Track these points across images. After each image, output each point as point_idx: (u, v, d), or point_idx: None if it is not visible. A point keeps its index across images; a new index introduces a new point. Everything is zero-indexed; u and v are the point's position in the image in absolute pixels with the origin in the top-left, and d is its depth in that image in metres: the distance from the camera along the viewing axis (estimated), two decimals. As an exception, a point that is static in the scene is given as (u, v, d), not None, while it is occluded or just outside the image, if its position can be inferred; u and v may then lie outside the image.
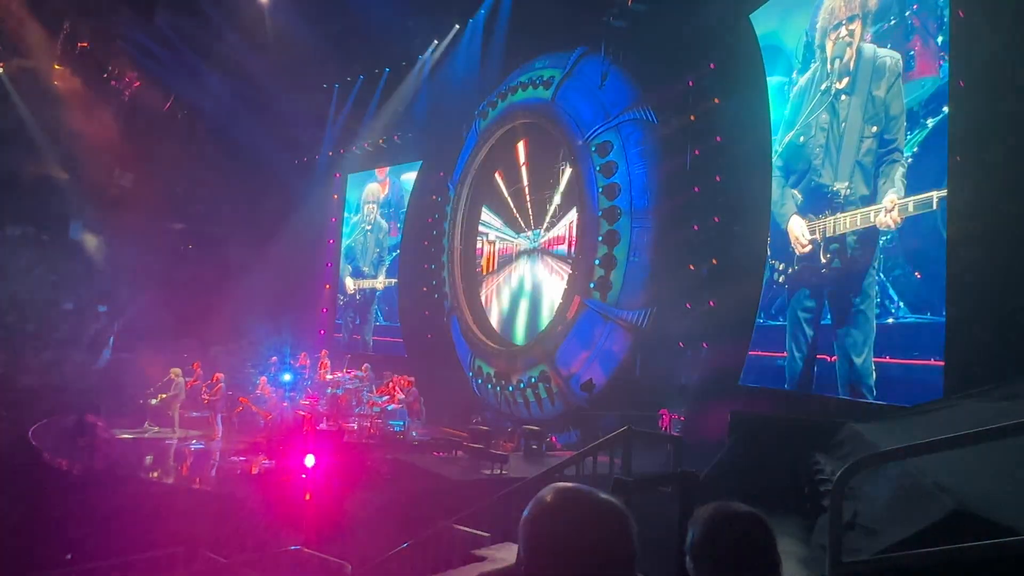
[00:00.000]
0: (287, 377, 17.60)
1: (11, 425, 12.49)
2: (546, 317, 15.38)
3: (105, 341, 19.81)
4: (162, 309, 18.79)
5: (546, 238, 15.99)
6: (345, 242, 22.79)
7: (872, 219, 8.77)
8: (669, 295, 12.66)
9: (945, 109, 7.93)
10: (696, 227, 12.27)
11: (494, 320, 17.20)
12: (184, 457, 13.63)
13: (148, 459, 13.43)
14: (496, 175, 17.76)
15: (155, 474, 12.74)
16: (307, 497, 11.69)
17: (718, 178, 11.92)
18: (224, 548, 8.14)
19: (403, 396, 14.94)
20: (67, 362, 18.29)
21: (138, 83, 19.89)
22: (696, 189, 12.31)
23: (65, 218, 19.88)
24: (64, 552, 7.44)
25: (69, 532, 7.66)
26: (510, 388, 15.42)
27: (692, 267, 12.29)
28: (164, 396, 15.10)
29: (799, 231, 10.01)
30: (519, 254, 16.79)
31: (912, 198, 8.22)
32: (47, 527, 7.78)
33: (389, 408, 14.72)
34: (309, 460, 12.23)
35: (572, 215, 15.03)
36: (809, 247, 9.79)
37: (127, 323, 20.00)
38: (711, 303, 11.71)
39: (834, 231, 9.45)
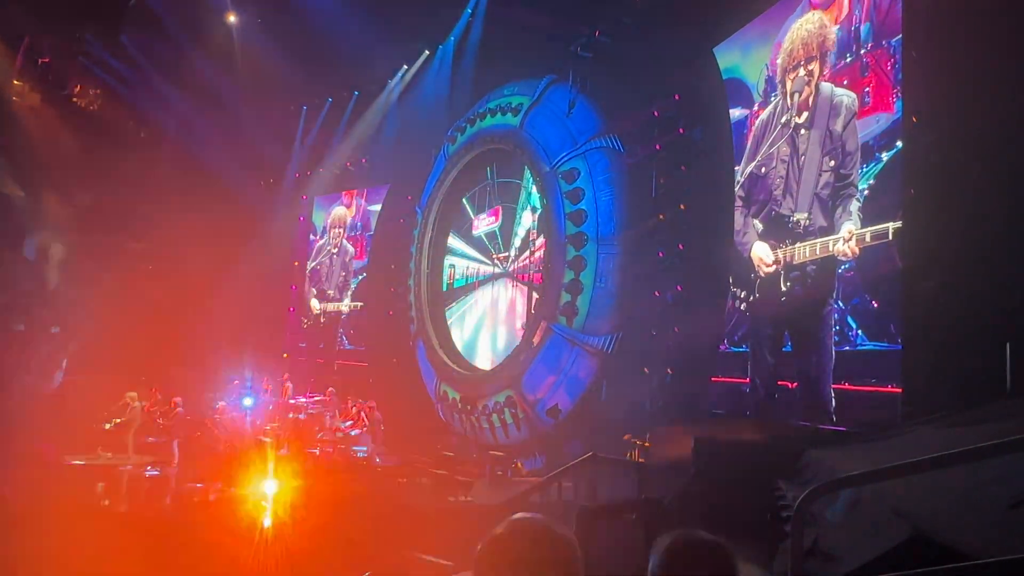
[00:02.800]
0: (248, 401, 17.23)
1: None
2: (512, 342, 15.35)
3: (58, 363, 19.18)
4: (119, 331, 18.28)
5: (513, 264, 16.02)
6: (310, 264, 22.54)
7: (831, 248, 8.98)
8: (635, 321, 12.74)
9: (899, 143, 8.20)
10: (661, 254, 12.43)
11: (460, 345, 17.12)
12: (137, 484, 13.17)
13: (99, 486, 12.95)
14: (464, 200, 17.80)
15: (106, 501, 12.29)
16: (266, 525, 11.40)
17: (683, 206, 12.11)
18: (178, 578, 7.83)
19: (368, 422, 14.74)
20: (16, 386, 17.63)
21: (100, 100, 19.55)
22: (661, 217, 12.47)
23: (20, 236, 19.33)
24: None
25: (13, 564, 7.30)
26: (476, 413, 15.31)
27: (657, 293, 12.40)
28: (118, 420, 14.64)
29: (763, 253, 10.18)
30: (486, 279, 16.79)
31: (869, 229, 8.45)
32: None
33: (353, 433, 14.48)
34: (269, 487, 11.94)
35: (539, 241, 15.09)
36: (773, 268, 9.95)
37: (81, 345, 19.41)
38: (676, 329, 11.82)
39: (794, 260, 9.64)
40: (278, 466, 13.89)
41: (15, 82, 18.40)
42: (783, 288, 9.77)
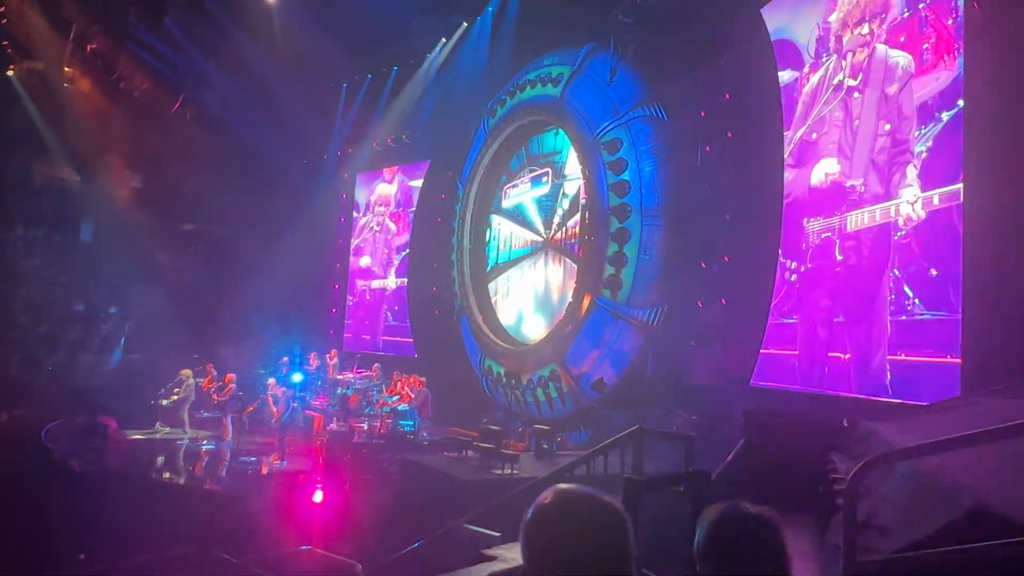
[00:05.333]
0: (297, 377, 17.69)
1: (24, 425, 12.62)
2: (556, 316, 15.35)
3: (116, 342, 19.98)
4: (172, 310, 18.91)
5: (556, 236, 15.97)
6: (354, 242, 22.86)
7: (892, 214, 8.70)
8: (681, 293, 12.61)
9: (960, 103, 7.86)
10: (708, 224, 12.20)
11: (504, 319, 17.21)
12: (195, 457, 13.74)
13: (159, 460, 13.56)
14: (505, 174, 17.76)
15: (166, 475, 12.86)
16: (318, 498, 11.78)
17: (729, 175, 11.84)
18: (235, 548, 8.19)
19: (415, 396, 14.99)
20: (79, 363, 18.45)
21: (147, 84, 20.02)
22: (707, 186, 12.25)
23: (76, 220, 20.07)
24: (77, 552, 7.51)
25: (81, 532, 7.74)
26: (520, 388, 15.42)
27: (704, 265, 12.23)
28: (175, 397, 15.21)
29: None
30: (528, 252, 16.78)
31: (936, 191, 8.16)
32: (59, 527, 7.85)
33: (400, 408, 14.76)
34: (319, 461, 12.31)
35: (582, 213, 14.99)
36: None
37: (138, 324, 20.14)
38: (723, 301, 11.66)
39: (848, 228, 9.38)
40: (328, 441, 14.31)
41: (65, 69, 18.97)
42: (837, 257, 9.53)
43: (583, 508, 1.58)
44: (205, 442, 14.64)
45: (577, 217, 15.24)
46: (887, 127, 8.88)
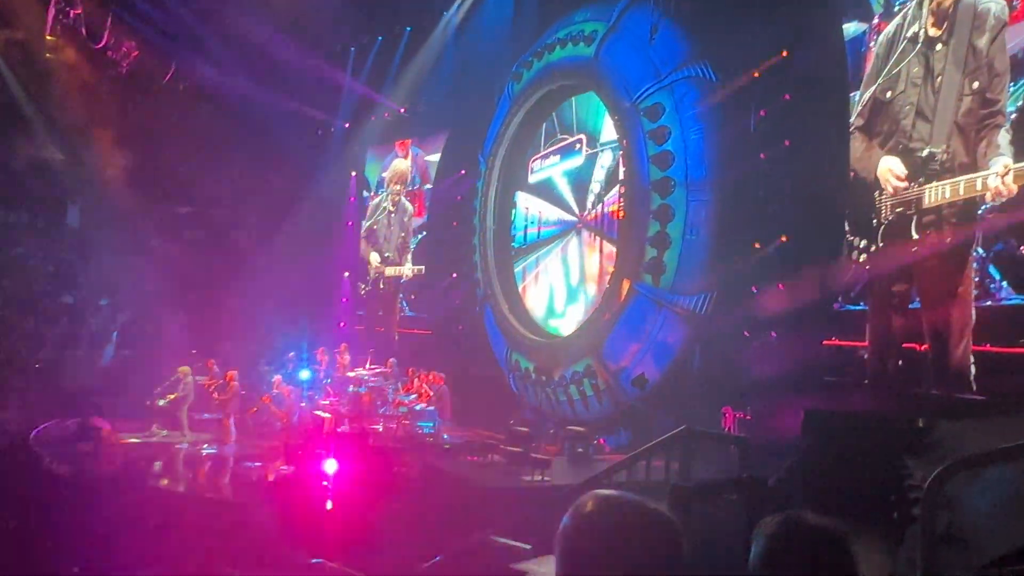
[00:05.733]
0: (305, 375, 17.92)
1: (10, 429, 12.98)
2: (591, 304, 15.32)
3: (107, 337, 20.41)
4: (168, 301, 19.25)
5: (590, 215, 15.91)
6: (365, 224, 23.00)
7: (978, 186, 8.49)
8: (732, 278, 12.51)
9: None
10: (762, 199, 12.08)
11: (532, 308, 17.23)
12: (195, 463, 14.00)
13: (156, 465, 13.84)
14: (532, 146, 17.71)
15: (164, 482, 13.13)
16: (328, 506, 11.93)
17: (787, 142, 11.70)
18: (239, 562, 8.34)
19: (434, 395, 15.09)
20: (67, 361, 18.89)
21: (136, 52, 20.26)
22: (762, 156, 12.11)
23: (61, 203, 20.47)
24: (68, 566, 7.71)
25: (73, 544, 7.94)
26: (551, 385, 15.45)
27: (758, 245, 12.12)
28: (172, 397, 15.51)
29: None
30: (559, 234, 16.75)
31: (1021, 165, 7.95)
32: (50, 539, 8.07)
33: (417, 408, 14.87)
34: (330, 466, 12.45)
35: (619, 189, 14.91)
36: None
37: (131, 317, 20.55)
38: (780, 286, 11.55)
39: (928, 202, 9.19)
40: (339, 444, 14.47)
41: (47, 37, 19.28)
42: (913, 235, 9.36)
43: (629, 517, 1.55)
44: (206, 446, 14.91)
45: (614, 193, 15.16)
46: (975, 85, 8.65)
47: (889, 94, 9.92)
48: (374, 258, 22.33)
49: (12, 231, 20.39)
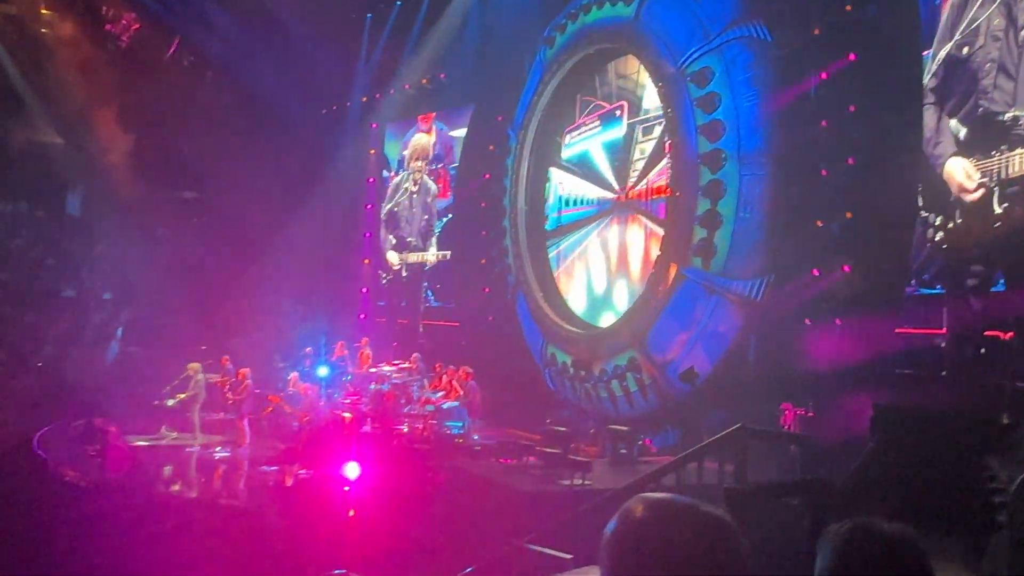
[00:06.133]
0: (323, 371, 18.12)
1: (13, 432, 13.31)
2: (635, 291, 15.27)
3: (112, 333, 20.83)
4: (176, 294, 19.57)
5: (632, 193, 15.82)
6: (386, 207, 23.13)
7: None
8: (791, 259, 12.39)
9: None
10: (824, 172, 11.93)
11: (570, 296, 17.21)
12: (207, 467, 14.26)
13: (166, 470, 14.13)
14: (567, 117, 17.63)
15: (175, 487, 13.40)
16: (351, 513, 12.09)
17: (852, 108, 11.52)
18: (256, 573, 8.49)
19: (463, 392, 15.17)
20: (70, 359, 19.32)
21: (137, 25, 20.53)
22: (824, 124, 11.94)
23: (61, 190, 20.88)
24: (77, 577, 7.92)
25: (79, 553, 8.15)
26: (591, 380, 15.43)
27: (820, 223, 11.98)
28: (182, 396, 15.79)
29: (962, 175, 9.55)
30: (599, 214, 16.69)
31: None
32: (55, 548, 8.29)
33: (445, 406, 14.96)
34: (352, 470, 12.61)
35: (664, 163, 14.80)
36: (978, 193, 9.35)
37: (136, 312, 20.93)
38: (845, 268, 11.42)
39: (1011, 172, 9.00)
40: (362, 446, 14.62)
41: (43, 11, 19.60)
42: (996, 209, 9.17)
43: (684, 523, 1.52)
44: (218, 449, 15.18)
45: (659, 168, 15.04)
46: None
47: (966, 50, 9.71)
48: (392, 255, 22.44)
49: (9, 221, 20.85)
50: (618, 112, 16.30)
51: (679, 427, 13.51)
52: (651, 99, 15.36)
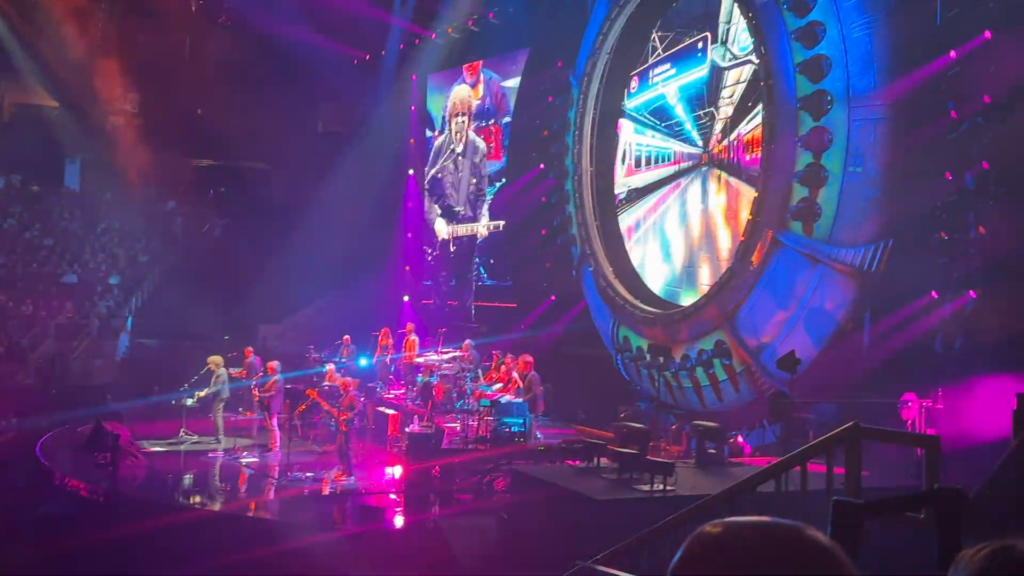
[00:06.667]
0: (364, 362, 18.30)
1: (14, 438, 13.79)
2: (722, 263, 15.06)
3: (121, 324, 21.33)
4: (193, 278, 19.93)
5: (718, 148, 15.56)
6: (430, 172, 23.16)
7: None
8: (912, 221, 12.07)
9: None
10: (954, 114, 11.53)
11: (645, 271, 17.10)
12: (233, 475, 14.51)
13: (187, 479, 14.42)
14: (638, 59, 17.38)
15: (196, 499, 13.66)
16: (398, 523, 12.21)
17: (987, 34, 11.09)
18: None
19: (523, 384, 15.15)
20: (75, 353, 19.83)
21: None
22: (952, 54, 11.52)
23: (58, 160, 21.32)
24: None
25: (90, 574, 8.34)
26: (672, 368, 15.31)
27: (950, 176, 11.61)
28: (202, 394, 16.07)
29: None
30: (678, 173, 16.50)
31: None
32: (62, 567, 8.51)
33: (503, 401, 14.96)
34: (398, 475, 12.70)
35: (756, 110, 14.52)
36: None
37: (148, 299, 21.40)
38: (981, 229, 11.09)
39: None
40: (408, 447, 14.74)
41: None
42: None
43: (777, 551, 1.42)
44: (245, 454, 15.43)
45: (750, 116, 14.78)
46: None
47: None
48: (438, 228, 22.46)
49: (2, 197, 21.39)
50: (699, 51, 16.01)
51: (778, 422, 13.28)
52: (739, 34, 15.05)
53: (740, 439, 13.25)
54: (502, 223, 20.68)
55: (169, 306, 20.46)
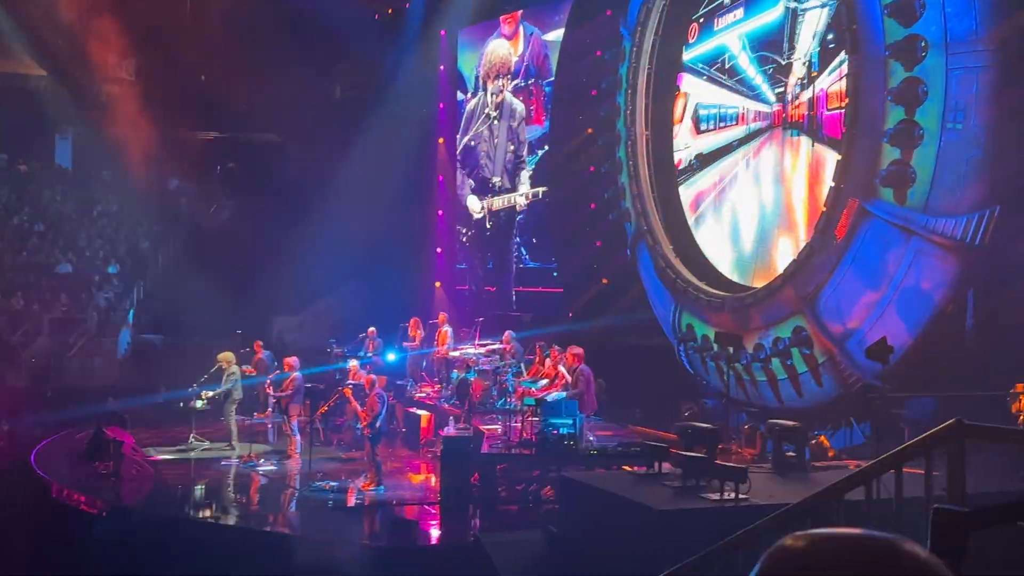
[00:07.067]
0: (392, 357, 18.38)
1: (6, 447, 14.02)
2: (800, 238, 14.94)
3: (122, 318, 21.60)
4: (200, 265, 20.11)
5: (794, 104, 15.39)
6: (462, 140, 23.16)
7: None
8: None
9: None
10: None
11: (711, 248, 17.05)
12: (250, 485, 14.66)
13: (198, 490, 14.59)
14: (700, 3, 17.27)
15: (208, 513, 13.82)
16: (435, 536, 12.26)
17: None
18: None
19: (571, 379, 15.12)
20: (72, 351, 20.09)
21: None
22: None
23: (49, 136, 21.56)
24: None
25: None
26: (744, 359, 15.24)
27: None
28: (213, 395, 16.24)
29: None
30: (748, 136, 16.40)
31: None
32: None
33: (550, 399, 14.94)
34: (435, 483, 12.74)
35: (838, 60, 14.32)
36: None
37: (151, 289, 21.61)
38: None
39: None
40: (445, 451, 14.78)
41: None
42: None
43: (869, 567, 1.42)
44: (262, 461, 15.57)
45: (831, 67, 14.62)
46: None
47: None
48: (473, 203, 22.43)
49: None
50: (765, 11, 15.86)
51: (868, 419, 13.19)
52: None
53: (824, 440, 13.13)
54: (541, 190, 20.56)
55: (174, 297, 20.66)
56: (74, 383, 18.87)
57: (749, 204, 16.44)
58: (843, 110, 14.10)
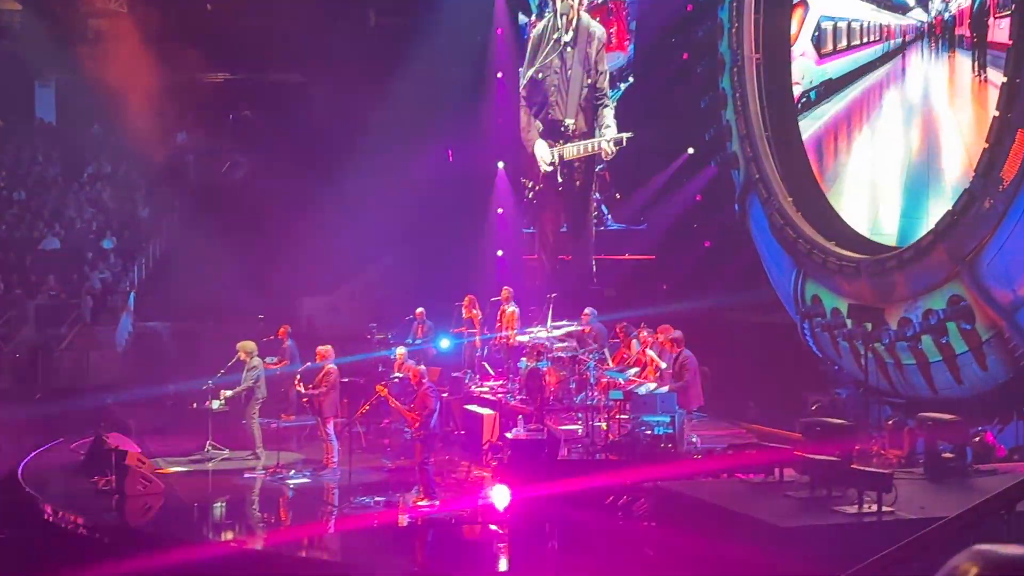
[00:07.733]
0: (445, 344, 18.42)
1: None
2: (956, 183, 14.68)
3: (121, 303, 21.90)
4: (212, 239, 20.29)
5: (946, 14, 15.11)
6: (527, 74, 23.08)
7: None
8: None
9: None
10: None
11: (841, 200, 16.89)
12: (278, 501, 14.82)
13: (217, 508, 14.76)
14: None
15: (229, 535, 13.97)
16: (502, 566, 12.27)
17: None
18: None
19: (667, 368, 15.05)
20: (62, 343, 20.39)
21: None
22: None
23: (27, 84, 21.77)
24: None
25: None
26: (886, 338, 15.05)
27: None
28: (231, 394, 16.40)
29: None
30: (885, 55, 16.18)
31: None
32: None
33: (641, 392, 14.88)
34: (500, 498, 12.80)
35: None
36: None
37: (155, 269, 21.86)
38: None
39: None
40: (513, 458, 14.79)
41: None
42: None
43: None
44: (293, 472, 15.72)
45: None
46: None
47: None
48: (541, 150, 22.33)
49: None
50: None
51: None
52: None
53: (989, 437, 12.93)
54: (626, 136, 20.38)
55: (182, 277, 20.87)
56: (67, 382, 19.15)
57: (890, 142, 16.26)
58: (1010, 21, 13.79)
